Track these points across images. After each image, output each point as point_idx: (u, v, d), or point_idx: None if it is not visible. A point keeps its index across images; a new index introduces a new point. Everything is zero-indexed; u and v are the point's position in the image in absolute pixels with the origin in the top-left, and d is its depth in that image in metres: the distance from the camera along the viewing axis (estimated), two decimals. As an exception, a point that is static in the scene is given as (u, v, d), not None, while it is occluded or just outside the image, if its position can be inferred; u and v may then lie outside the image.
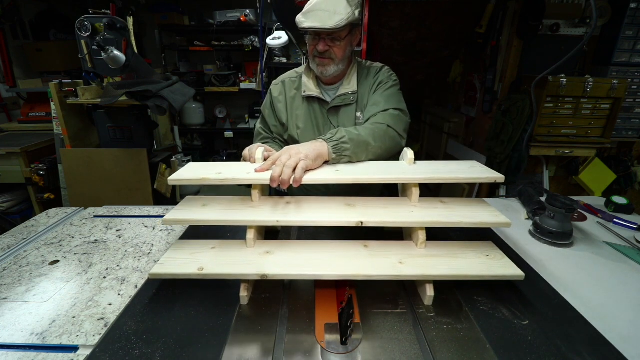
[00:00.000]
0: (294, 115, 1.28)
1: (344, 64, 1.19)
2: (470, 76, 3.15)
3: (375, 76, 1.25)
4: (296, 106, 1.27)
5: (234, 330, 0.71)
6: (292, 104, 1.28)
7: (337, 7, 1.07)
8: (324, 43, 1.12)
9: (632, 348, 0.67)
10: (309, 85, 1.24)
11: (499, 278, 0.80)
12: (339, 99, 1.23)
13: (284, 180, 0.84)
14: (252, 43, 3.73)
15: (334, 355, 0.66)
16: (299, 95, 1.27)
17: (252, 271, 0.78)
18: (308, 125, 1.26)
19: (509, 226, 0.85)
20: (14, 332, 0.72)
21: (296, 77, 1.31)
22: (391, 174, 0.93)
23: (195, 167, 0.98)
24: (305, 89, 1.24)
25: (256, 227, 0.88)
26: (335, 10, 1.06)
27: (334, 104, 1.23)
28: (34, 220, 1.23)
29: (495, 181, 0.90)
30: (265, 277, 0.77)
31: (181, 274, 0.78)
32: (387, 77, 1.25)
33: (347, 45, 1.16)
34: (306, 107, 1.26)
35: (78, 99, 2.26)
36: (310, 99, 1.25)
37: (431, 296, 0.79)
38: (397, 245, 0.89)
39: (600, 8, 2.36)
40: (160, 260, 0.82)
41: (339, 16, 1.06)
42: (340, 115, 1.25)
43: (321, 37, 1.12)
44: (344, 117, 1.24)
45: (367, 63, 1.31)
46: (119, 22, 1.84)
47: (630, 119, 2.51)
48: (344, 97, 1.23)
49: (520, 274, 0.79)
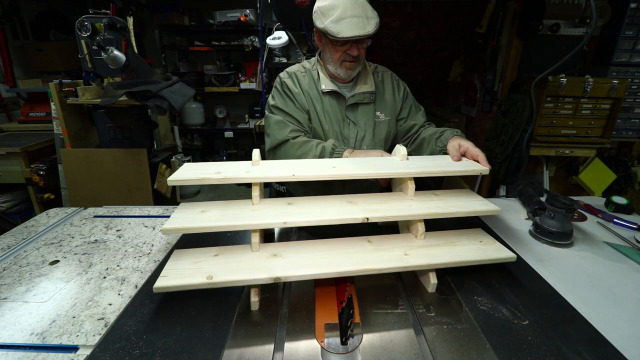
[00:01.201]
0: (315, 105, 1.27)
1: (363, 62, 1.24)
2: (470, 76, 3.16)
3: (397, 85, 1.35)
4: (314, 99, 1.27)
5: (234, 330, 0.71)
6: (308, 97, 1.27)
7: (367, 11, 1.09)
8: (356, 48, 1.14)
9: (632, 348, 0.67)
10: (327, 81, 1.25)
11: (495, 261, 0.86)
12: (358, 97, 1.26)
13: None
14: (252, 43, 3.73)
15: (334, 355, 0.66)
16: (315, 89, 1.27)
17: (263, 275, 0.76)
18: (327, 119, 1.27)
19: (498, 213, 0.93)
20: (14, 332, 0.72)
21: (305, 71, 1.30)
22: (385, 169, 0.97)
23: (193, 167, 0.97)
24: (324, 84, 1.25)
25: (260, 230, 0.86)
26: (367, 15, 1.08)
27: (354, 101, 1.26)
28: (34, 220, 1.23)
29: (480, 174, 0.99)
30: (279, 280, 0.76)
31: (189, 284, 0.75)
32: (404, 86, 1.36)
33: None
34: (326, 101, 1.27)
35: (78, 99, 2.26)
36: (327, 94, 1.26)
37: (434, 284, 0.83)
38: (398, 239, 0.93)
39: (600, 8, 2.36)
40: (162, 272, 0.78)
41: (374, 20, 1.09)
42: (358, 112, 1.28)
43: (353, 42, 1.13)
44: (362, 114, 1.28)
45: (371, 65, 1.35)
46: (119, 22, 1.84)
47: (630, 119, 2.51)
48: (362, 96, 1.26)
49: (512, 255, 0.87)
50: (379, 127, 1.30)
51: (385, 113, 1.31)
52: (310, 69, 1.30)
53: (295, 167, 0.98)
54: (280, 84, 1.28)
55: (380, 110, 1.30)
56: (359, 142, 1.28)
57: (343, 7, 1.08)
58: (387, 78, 1.34)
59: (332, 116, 1.26)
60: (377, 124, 1.30)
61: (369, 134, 1.28)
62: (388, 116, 1.31)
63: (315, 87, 1.27)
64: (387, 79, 1.34)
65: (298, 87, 1.27)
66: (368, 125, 1.28)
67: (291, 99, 1.25)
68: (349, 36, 1.08)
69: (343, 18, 1.07)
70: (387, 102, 1.31)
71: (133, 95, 1.91)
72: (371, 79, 1.28)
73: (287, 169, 0.96)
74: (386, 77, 1.34)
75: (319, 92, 1.27)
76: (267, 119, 1.28)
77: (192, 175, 0.91)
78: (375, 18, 1.10)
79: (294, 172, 0.93)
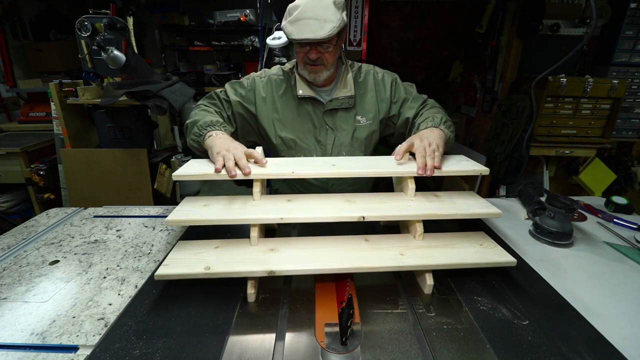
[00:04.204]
0: (286, 113, 1.23)
1: (334, 67, 1.18)
2: (470, 76, 3.16)
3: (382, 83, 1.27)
4: (286, 106, 1.23)
5: (234, 330, 0.71)
6: (281, 103, 1.23)
7: (327, 14, 1.03)
8: (315, 51, 1.09)
9: (632, 348, 0.67)
10: (303, 86, 1.21)
11: (494, 265, 0.84)
12: (336, 102, 1.21)
13: (430, 167, 0.91)
14: (252, 43, 3.73)
15: (334, 355, 0.66)
16: (289, 94, 1.24)
17: (259, 268, 0.78)
18: (301, 126, 1.24)
19: (499, 216, 0.90)
20: (14, 332, 0.72)
21: (282, 75, 1.27)
22: (385, 167, 0.97)
23: (198, 163, 1.00)
24: (301, 89, 1.20)
25: (259, 225, 0.89)
26: (325, 18, 1.03)
27: (331, 107, 1.22)
28: (34, 220, 1.23)
29: (480, 174, 0.97)
30: (273, 274, 0.78)
31: (188, 273, 0.78)
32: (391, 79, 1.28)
33: (337, 49, 1.14)
34: (298, 107, 1.23)
35: (78, 99, 2.26)
36: (303, 100, 1.22)
37: (431, 285, 0.83)
38: (396, 238, 0.93)
39: (600, 8, 2.36)
40: (164, 261, 0.82)
41: (330, 24, 1.03)
42: (337, 117, 1.24)
43: (312, 45, 1.09)
44: (342, 120, 1.24)
45: (355, 65, 1.30)
46: (119, 22, 1.84)
47: (630, 119, 2.52)
48: (341, 101, 1.21)
49: (512, 260, 0.84)
50: (359, 131, 1.25)
51: (367, 117, 1.25)
52: (289, 73, 1.26)
53: (295, 164, 1.00)
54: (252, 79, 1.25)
55: (362, 114, 1.25)
56: (336, 147, 1.25)
57: (302, 8, 1.04)
58: (370, 78, 1.27)
59: (307, 122, 1.23)
60: (357, 128, 1.25)
61: (347, 138, 1.24)
62: (370, 120, 1.25)
63: (290, 92, 1.24)
64: (370, 79, 1.27)
65: (270, 94, 1.23)
66: (347, 130, 1.24)
67: (248, 99, 1.22)
68: (298, 38, 1.05)
69: (299, 19, 1.04)
70: (369, 105, 1.25)
71: (133, 95, 1.90)
72: (351, 83, 1.22)
73: (287, 166, 0.98)
74: (369, 77, 1.27)
75: (293, 97, 1.23)
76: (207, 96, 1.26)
77: (195, 170, 0.93)
78: (334, 22, 1.03)
79: (294, 170, 0.94)
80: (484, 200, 0.98)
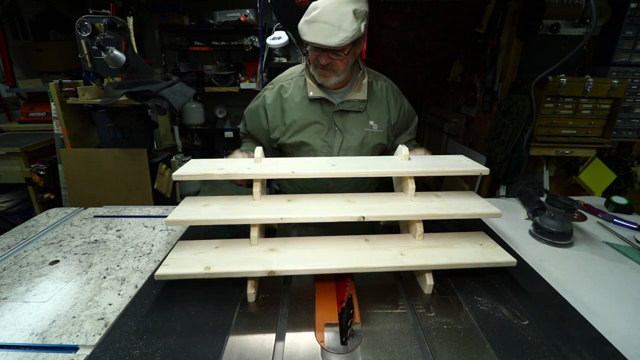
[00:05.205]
0: (294, 117, 1.23)
1: (345, 73, 1.16)
2: (470, 76, 3.16)
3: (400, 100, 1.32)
4: (297, 108, 1.23)
5: (234, 330, 0.72)
6: (290, 106, 1.24)
7: (343, 22, 1.00)
8: (326, 56, 1.08)
9: (632, 348, 0.67)
10: (314, 87, 1.20)
11: (494, 265, 0.85)
12: (347, 104, 1.21)
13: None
14: (252, 43, 3.73)
15: (334, 355, 0.66)
16: (301, 97, 1.24)
17: (259, 268, 0.78)
18: (310, 127, 1.24)
19: (499, 216, 0.90)
20: (14, 332, 0.72)
21: (292, 79, 1.27)
22: (385, 167, 0.98)
23: (197, 163, 1.00)
24: (311, 91, 1.20)
25: (259, 225, 0.89)
26: (340, 26, 1.00)
27: (342, 108, 1.21)
28: (34, 220, 1.23)
29: (480, 174, 0.97)
30: (273, 274, 0.78)
31: (188, 273, 0.78)
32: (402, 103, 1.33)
33: (350, 57, 1.12)
34: (310, 108, 1.23)
35: (78, 99, 2.26)
36: (314, 101, 1.22)
37: (431, 285, 0.83)
38: (396, 238, 0.93)
39: (600, 8, 2.36)
40: (164, 261, 0.82)
41: (344, 33, 1.00)
42: (347, 119, 1.23)
43: (323, 49, 1.07)
44: (352, 122, 1.23)
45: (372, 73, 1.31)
46: (119, 22, 1.84)
47: (630, 119, 2.51)
48: (352, 103, 1.21)
49: (512, 260, 0.84)
50: (370, 137, 1.25)
51: (380, 124, 1.25)
52: (299, 75, 1.27)
53: (295, 164, 1.00)
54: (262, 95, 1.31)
55: (375, 120, 1.24)
56: (343, 150, 1.24)
57: (320, 11, 1.02)
58: (390, 90, 1.29)
59: (316, 122, 1.23)
60: (368, 133, 1.24)
61: (356, 142, 1.23)
62: (381, 128, 1.25)
63: (300, 95, 1.24)
64: (390, 91, 1.29)
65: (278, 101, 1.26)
66: (357, 134, 1.23)
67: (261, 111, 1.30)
68: (309, 41, 1.04)
69: (315, 21, 1.02)
70: (383, 114, 1.26)
71: (133, 95, 1.90)
72: (365, 89, 1.22)
73: (287, 166, 0.98)
74: (388, 89, 1.29)
75: (303, 99, 1.23)
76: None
77: (196, 170, 0.93)
78: (348, 32, 1.00)
79: (294, 170, 0.95)
80: (484, 200, 0.98)
